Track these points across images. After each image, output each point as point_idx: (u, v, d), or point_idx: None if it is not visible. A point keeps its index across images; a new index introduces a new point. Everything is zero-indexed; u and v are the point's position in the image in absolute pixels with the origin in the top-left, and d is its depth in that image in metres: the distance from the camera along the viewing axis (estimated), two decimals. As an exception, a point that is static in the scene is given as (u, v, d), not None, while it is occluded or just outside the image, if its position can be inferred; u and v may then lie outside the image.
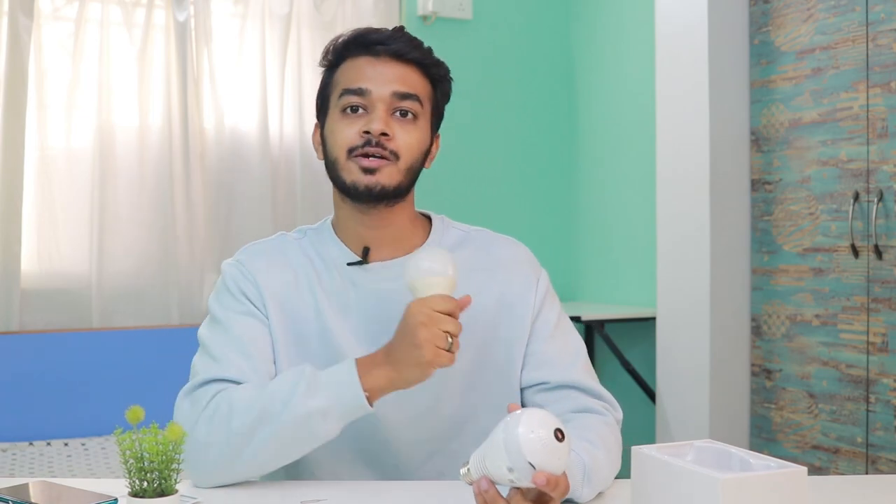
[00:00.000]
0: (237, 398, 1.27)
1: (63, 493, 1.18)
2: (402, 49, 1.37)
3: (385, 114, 1.34)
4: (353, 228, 1.40)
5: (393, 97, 1.35)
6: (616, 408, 1.40)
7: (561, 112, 4.00)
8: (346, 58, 1.39)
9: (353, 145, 1.34)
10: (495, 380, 1.39)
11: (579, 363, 1.41)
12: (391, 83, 1.35)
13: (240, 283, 1.40)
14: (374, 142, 1.32)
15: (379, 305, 1.37)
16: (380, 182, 1.33)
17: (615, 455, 1.32)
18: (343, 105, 1.36)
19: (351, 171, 1.34)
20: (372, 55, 1.37)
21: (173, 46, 3.35)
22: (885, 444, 2.59)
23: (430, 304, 1.20)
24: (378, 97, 1.34)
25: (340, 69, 1.40)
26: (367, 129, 1.33)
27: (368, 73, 1.36)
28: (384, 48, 1.36)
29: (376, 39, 1.37)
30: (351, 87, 1.35)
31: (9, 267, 3.12)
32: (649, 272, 3.43)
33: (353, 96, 1.35)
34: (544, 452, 1.01)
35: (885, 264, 2.59)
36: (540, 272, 1.46)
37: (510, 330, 1.40)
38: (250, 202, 3.47)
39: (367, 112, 1.35)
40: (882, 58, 2.58)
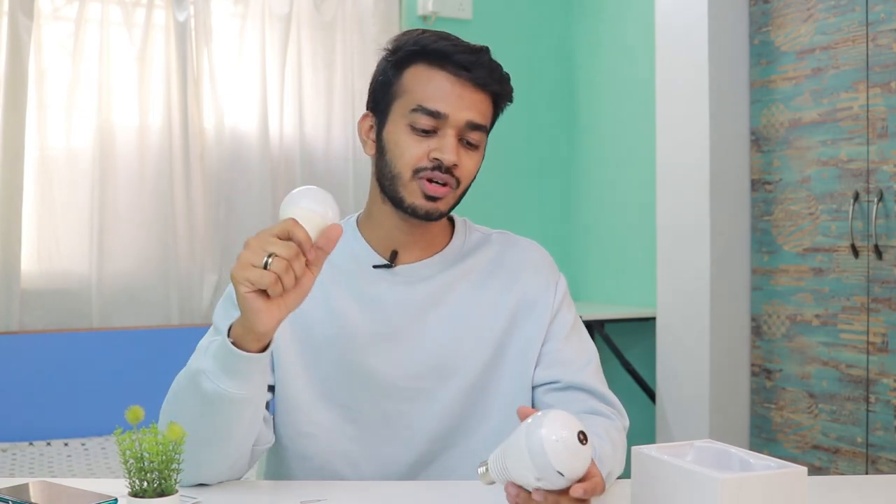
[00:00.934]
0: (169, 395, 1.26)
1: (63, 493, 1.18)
2: (485, 80, 1.33)
3: (456, 141, 1.31)
4: (387, 230, 1.38)
5: (466, 126, 1.32)
6: (623, 415, 1.41)
7: (561, 112, 4.00)
8: (419, 63, 1.33)
9: (421, 167, 1.31)
10: (509, 379, 1.40)
11: (591, 367, 1.42)
12: (467, 111, 1.32)
13: None
14: (444, 169, 1.30)
15: (398, 308, 1.37)
16: (439, 209, 1.33)
17: (620, 455, 1.32)
18: (415, 121, 1.31)
19: (413, 193, 1.32)
20: (451, 74, 1.32)
21: (173, 46, 3.35)
22: (885, 444, 2.60)
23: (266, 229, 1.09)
24: (452, 123, 1.31)
25: (411, 73, 1.34)
26: (438, 156, 1.30)
27: (448, 96, 1.31)
28: (467, 75, 1.31)
29: (463, 62, 1.31)
30: (427, 107, 1.30)
31: (9, 267, 3.12)
32: (649, 272, 3.43)
33: (428, 117, 1.31)
34: (569, 457, 0.99)
35: (885, 264, 2.59)
36: (559, 276, 1.47)
37: (528, 330, 1.41)
38: (250, 202, 3.47)
39: (436, 133, 1.31)
40: (882, 58, 2.58)
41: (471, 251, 1.44)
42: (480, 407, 1.39)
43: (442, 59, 1.32)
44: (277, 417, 1.38)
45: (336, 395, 1.37)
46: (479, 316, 1.40)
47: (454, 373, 1.37)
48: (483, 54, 1.34)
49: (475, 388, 1.38)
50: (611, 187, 3.82)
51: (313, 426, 1.36)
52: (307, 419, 1.36)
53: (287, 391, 1.36)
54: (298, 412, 1.36)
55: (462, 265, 1.42)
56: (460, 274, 1.41)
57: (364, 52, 3.64)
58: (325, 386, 1.36)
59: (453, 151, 1.30)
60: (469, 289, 1.40)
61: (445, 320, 1.38)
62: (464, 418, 1.39)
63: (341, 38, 3.62)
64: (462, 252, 1.43)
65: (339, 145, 3.63)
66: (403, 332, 1.37)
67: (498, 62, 1.36)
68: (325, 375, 1.36)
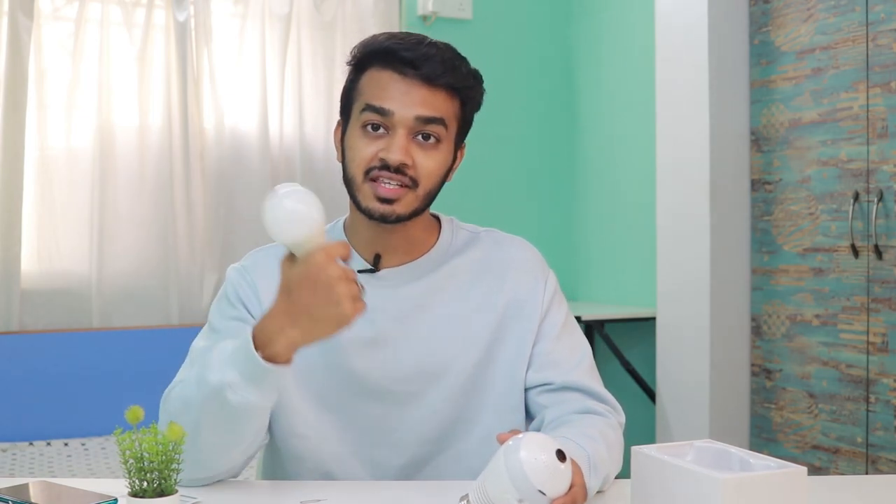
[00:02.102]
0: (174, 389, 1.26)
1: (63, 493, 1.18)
2: (433, 73, 1.30)
3: (405, 139, 1.29)
4: (366, 235, 1.37)
5: (416, 121, 1.29)
6: (619, 411, 1.41)
7: (561, 112, 4.00)
8: (373, 65, 1.33)
9: (370, 166, 1.29)
10: (501, 380, 1.39)
11: (584, 365, 1.41)
12: (416, 106, 1.29)
13: (239, 288, 1.38)
14: (393, 169, 1.28)
15: (388, 311, 1.36)
16: (396, 211, 1.30)
17: (616, 454, 1.32)
18: (364, 121, 1.30)
19: (366, 196, 1.31)
20: (399, 73, 1.30)
21: (173, 46, 3.35)
22: (885, 444, 2.59)
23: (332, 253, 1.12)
24: (400, 120, 1.29)
25: (366, 76, 1.33)
26: (384, 156, 1.28)
27: (393, 93, 1.29)
28: (413, 72, 1.29)
29: (407, 59, 1.29)
30: (373, 104, 1.29)
31: (9, 267, 3.12)
32: (649, 272, 3.43)
33: (374, 114, 1.29)
34: (549, 476, 1.00)
35: (885, 264, 2.59)
36: (548, 273, 1.46)
37: (518, 330, 1.40)
38: (250, 202, 3.47)
39: (387, 132, 1.30)
40: (882, 58, 2.58)
41: (458, 251, 1.42)
42: (472, 410, 1.38)
43: (389, 58, 1.31)
44: (272, 418, 1.37)
45: (326, 398, 1.36)
46: (468, 318, 1.39)
47: (443, 376, 1.36)
48: (430, 47, 1.31)
49: (465, 390, 1.38)
50: (611, 187, 3.82)
51: (306, 428, 1.36)
52: (300, 420, 1.36)
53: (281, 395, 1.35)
54: (292, 414, 1.36)
55: (448, 266, 1.40)
56: (447, 275, 1.40)
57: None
58: (315, 389, 1.36)
59: (401, 150, 1.28)
60: (456, 290, 1.39)
61: (432, 323, 1.37)
62: (455, 421, 1.38)
63: (341, 38, 3.62)
64: (448, 253, 1.41)
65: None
66: (390, 336, 1.36)
67: (455, 55, 1.34)
68: (315, 379, 1.36)
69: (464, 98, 1.35)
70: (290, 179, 3.56)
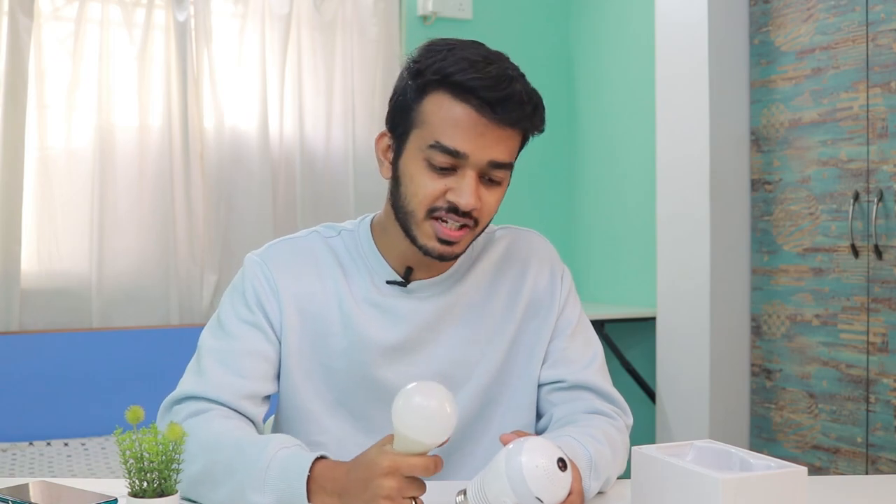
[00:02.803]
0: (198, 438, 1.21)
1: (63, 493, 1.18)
2: (514, 117, 1.21)
3: (476, 182, 1.22)
4: (400, 249, 1.34)
5: (488, 165, 1.23)
6: (627, 413, 1.40)
7: (561, 112, 4.00)
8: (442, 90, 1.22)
9: (436, 206, 1.24)
10: (518, 378, 1.39)
11: (595, 365, 1.41)
12: (490, 150, 1.22)
13: (259, 290, 1.34)
14: (461, 213, 1.23)
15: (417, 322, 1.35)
16: (455, 252, 1.27)
17: (620, 456, 1.32)
18: (432, 158, 1.22)
19: (427, 235, 1.26)
20: (476, 111, 1.20)
21: (173, 46, 3.35)
22: (885, 444, 2.59)
23: (404, 469, 1.04)
24: (473, 164, 1.22)
25: (433, 101, 1.23)
26: (454, 199, 1.22)
27: (468, 135, 1.20)
28: (492, 115, 1.20)
29: (489, 99, 1.19)
30: (447, 146, 1.21)
31: (9, 267, 3.12)
32: (649, 272, 3.43)
33: (447, 156, 1.21)
34: (548, 483, 1.00)
35: (885, 264, 2.59)
36: (563, 269, 1.46)
37: (536, 327, 1.40)
38: (250, 202, 3.47)
39: (454, 172, 1.23)
40: (882, 58, 2.58)
41: (479, 255, 1.41)
42: (489, 410, 1.38)
43: (466, 92, 1.20)
44: (287, 425, 1.37)
45: (347, 403, 1.35)
46: (492, 320, 1.38)
47: (467, 380, 1.36)
48: (513, 85, 1.21)
49: (486, 392, 1.38)
50: (611, 187, 3.82)
51: (324, 434, 1.35)
52: (318, 427, 1.35)
53: (298, 399, 1.34)
54: (310, 420, 1.34)
55: (472, 273, 1.40)
56: (471, 282, 1.39)
57: (364, 52, 3.64)
58: (336, 394, 1.35)
59: (472, 195, 1.22)
60: (480, 293, 1.39)
61: (460, 328, 1.37)
62: (473, 422, 1.38)
63: (341, 38, 3.62)
64: (472, 259, 1.41)
65: (339, 145, 3.63)
66: (417, 344, 1.35)
67: (529, 89, 1.25)
68: (337, 384, 1.35)
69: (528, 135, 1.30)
70: (290, 179, 3.56)
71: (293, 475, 1.11)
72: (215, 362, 1.30)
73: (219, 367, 1.30)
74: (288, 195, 3.56)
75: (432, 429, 1.02)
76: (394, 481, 1.04)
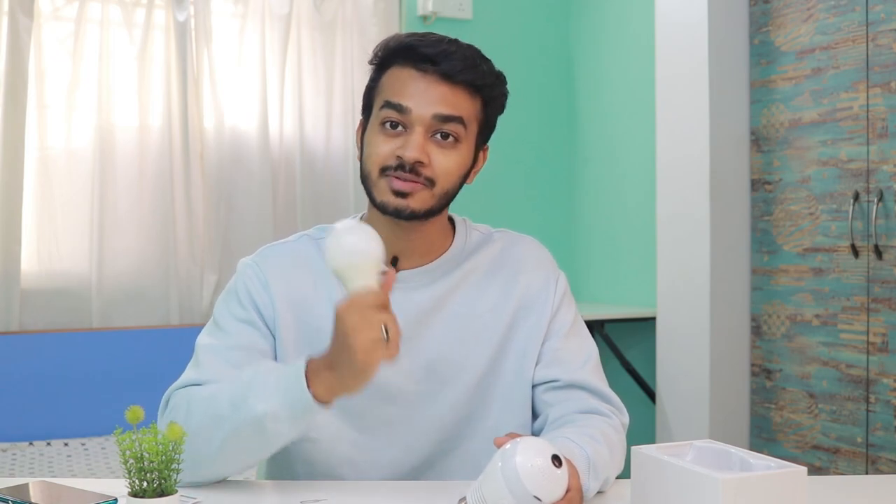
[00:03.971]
0: (195, 397, 1.26)
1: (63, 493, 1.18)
2: (453, 69, 1.29)
3: (423, 137, 1.28)
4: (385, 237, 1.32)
5: (434, 119, 1.28)
6: (623, 412, 1.41)
7: (561, 112, 4.00)
8: (394, 63, 1.33)
9: (386, 165, 1.29)
10: (510, 377, 1.40)
11: (590, 365, 1.41)
12: (434, 104, 1.28)
13: (251, 287, 1.37)
14: (408, 167, 1.28)
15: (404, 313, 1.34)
16: (410, 206, 1.30)
17: (618, 455, 1.32)
18: (382, 118, 1.30)
19: (382, 191, 1.30)
20: (419, 70, 1.30)
21: (173, 46, 3.35)
22: (885, 444, 2.59)
23: (358, 303, 1.12)
24: (418, 117, 1.28)
25: (387, 74, 1.34)
26: (400, 153, 1.28)
27: (411, 90, 1.29)
28: (432, 67, 1.29)
29: (426, 55, 1.29)
30: (392, 101, 1.29)
31: (9, 267, 3.12)
32: (649, 272, 3.43)
33: (392, 111, 1.29)
34: (545, 481, 1.00)
35: (885, 264, 2.59)
36: (559, 274, 1.47)
37: (528, 328, 1.41)
38: (250, 202, 3.47)
39: (405, 130, 1.29)
40: (882, 58, 2.58)
41: (472, 252, 1.43)
42: (482, 407, 1.39)
43: (410, 55, 1.30)
44: None
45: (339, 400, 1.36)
46: (481, 317, 1.39)
47: (456, 375, 1.37)
48: (451, 45, 1.31)
49: (478, 388, 1.38)
50: (611, 187, 3.82)
51: (317, 431, 1.35)
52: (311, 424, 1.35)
53: None
54: None
55: (463, 267, 1.41)
56: (461, 276, 1.40)
57: (364, 52, 3.63)
58: None
59: (416, 148, 1.27)
60: (470, 291, 1.40)
61: (447, 324, 1.37)
62: (466, 419, 1.38)
63: (341, 38, 3.62)
64: (463, 254, 1.42)
65: (339, 145, 3.63)
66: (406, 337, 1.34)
67: (477, 54, 1.33)
68: None
69: (486, 97, 1.34)
70: (290, 179, 3.56)
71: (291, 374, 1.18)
72: (210, 356, 1.33)
73: (214, 359, 1.32)
74: (288, 195, 3.56)
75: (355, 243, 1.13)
76: (355, 313, 1.11)
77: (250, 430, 1.19)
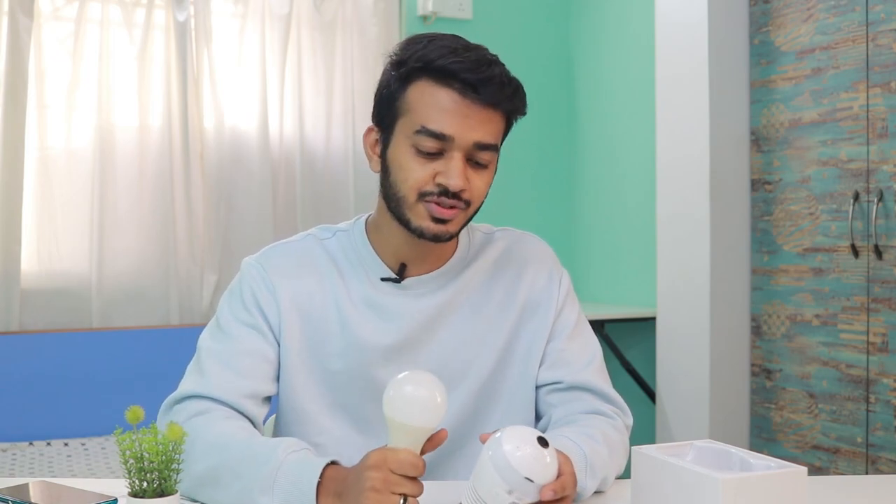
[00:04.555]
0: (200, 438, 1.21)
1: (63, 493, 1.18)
2: (495, 98, 1.26)
3: (463, 164, 1.25)
4: (396, 245, 1.35)
5: (474, 147, 1.26)
6: (626, 413, 1.40)
7: (561, 112, 4.00)
8: (425, 78, 1.26)
9: (426, 191, 1.26)
10: (514, 377, 1.39)
11: (594, 365, 1.41)
12: (475, 132, 1.25)
13: (257, 291, 1.35)
14: (451, 194, 1.25)
15: (412, 320, 1.35)
16: (449, 231, 1.28)
17: (619, 456, 1.31)
18: (418, 143, 1.25)
19: (420, 216, 1.27)
20: (458, 94, 1.24)
21: (173, 46, 3.35)
22: (885, 444, 2.59)
23: (391, 462, 1.04)
24: (459, 145, 1.24)
25: (416, 89, 1.26)
26: (443, 182, 1.24)
27: (454, 117, 1.24)
28: (475, 96, 1.24)
29: (471, 81, 1.24)
30: (432, 130, 1.24)
31: (9, 267, 3.12)
32: (649, 272, 3.43)
33: (433, 140, 1.24)
34: (534, 462, 1.01)
35: (885, 264, 2.59)
36: (562, 272, 1.47)
37: (533, 328, 1.40)
38: (250, 202, 3.47)
39: (441, 155, 1.25)
40: (882, 58, 2.58)
41: (476, 254, 1.42)
42: (486, 408, 1.38)
43: (448, 77, 1.24)
44: (286, 427, 1.37)
45: (345, 404, 1.35)
46: (487, 318, 1.39)
47: (463, 378, 1.36)
48: (493, 68, 1.26)
49: (483, 391, 1.38)
50: (611, 187, 3.82)
51: (323, 436, 1.35)
52: (317, 429, 1.35)
53: (297, 401, 1.35)
54: (308, 422, 1.35)
55: (468, 271, 1.40)
56: (467, 280, 1.39)
57: (364, 52, 3.64)
58: (334, 395, 1.35)
59: (460, 176, 1.24)
60: (475, 293, 1.39)
61: (454, 329, 1.37)
62: (471, 421, 1.38)
63: (341, 38, 3.62)
64: (468, 257, 1.41)
65: (339, 145, 3.63)
66: (413, 343, 1.35)
67: (509, 74, 1.30)
68: (335, 385, 1.35)
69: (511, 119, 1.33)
70: (290, 179, 3.56)
71: (304, 479, 1.11)
72: (216, 363, 1.31)
73: (219, 368, 1.30)
74: (288, 195, 3.56)
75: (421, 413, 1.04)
76: (380, 473, 1.04)
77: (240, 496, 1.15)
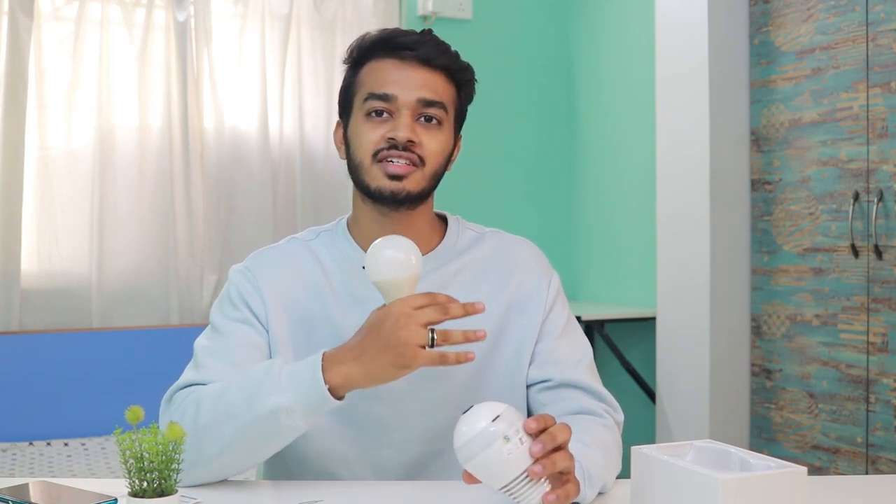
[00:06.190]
0: (204, 395, 1.26)
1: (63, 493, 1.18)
2: (430, 55, 1.35)
3: (411, 120, 1.33)
4: (372, 230, 1.38)
5: (419, 104, 1.34)
6: (617, 410, 1.41)
7: (561, 112, 4.00)
8: (371, 58, 1.38)
9: (378, 148, 1.33)
10: (502, 377, 1.40)
11: (584, 364, 1.41)
12: (417, 89, 1.34)
13: (243, 290, 1.39)
14: (401, 147, 1.32)
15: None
16: (406, 188, 1.33)
17: (613, 456, 1.31)
18: (368, 109, 1.35)
19: (376, 177, 1.33)
20: (398, 59, 1.35)
21: (173, 46, 3.35)
22: (885, 444, 2.59)
23: (401, 304, 1.17)
24: (404, 103, 1.33)
25: (365, 69, 1.38)
26: (392, 135, 1.32)
27: (394, 78, 1.34)
28: (411, 53, 1.35)
29: (404, 43, 1.35)
30: (376, 92, 1.34)
31: (9, 267, 3.12)
32: (649, 272, 3.43)
33: (378, 101, 1.34)
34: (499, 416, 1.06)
35: (885, 264, 2.59)
36: (552, 274, 1.47)
37: (521, 329, 1.41)
38: (250, 202, 3.47)
39: (391, 117, 1.34)
40: (882, 58, 2.58)
41: (464, 250, 1.43)
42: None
43: (388, 49, 1.36)
44: None
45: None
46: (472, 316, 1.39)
47: (446, 373, 1.36)
48: (426, 34, 1.37)
49: (468, 387, 1.38)
50: (611, 187, 3.82)
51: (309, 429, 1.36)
52: None
53: None
54: None
55: (454, 264, 1.41)
56: (453, 273, 1.40)
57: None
58: None
59: (407, 128, 1.32)
60: (461, 288, 1.39)
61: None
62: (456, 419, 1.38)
63: (341, 38, 3.62)
64: (455, 251, 1.42)
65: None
66: None
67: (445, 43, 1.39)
68: None
69: (459, 82, 1.40)
70: (290, 179, 3.56)
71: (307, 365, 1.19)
72: (211, 357, 1.34)
73: (215, 360, 1.33)
74: (288, 195, 3.57)
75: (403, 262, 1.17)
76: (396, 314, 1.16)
77: (263, 425, 1.20)
